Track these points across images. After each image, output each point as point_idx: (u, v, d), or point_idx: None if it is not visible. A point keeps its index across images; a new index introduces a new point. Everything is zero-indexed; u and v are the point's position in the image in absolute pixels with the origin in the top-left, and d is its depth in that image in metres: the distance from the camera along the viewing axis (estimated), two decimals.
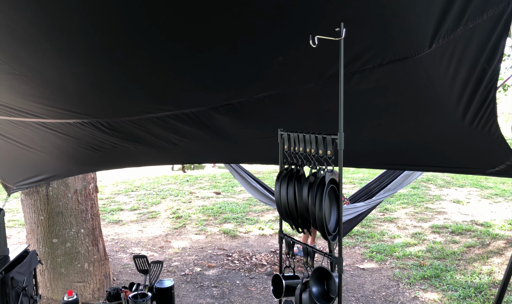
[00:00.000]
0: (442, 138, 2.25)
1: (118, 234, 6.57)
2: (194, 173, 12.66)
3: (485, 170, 2.40)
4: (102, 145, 3.16)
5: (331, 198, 1.77)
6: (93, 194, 4.29)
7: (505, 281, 2.75)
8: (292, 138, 1.89)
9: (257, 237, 6.33)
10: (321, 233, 1.68)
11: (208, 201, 8.68)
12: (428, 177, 10.36)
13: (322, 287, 1.77)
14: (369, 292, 4.36)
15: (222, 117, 2.31)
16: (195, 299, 4.30)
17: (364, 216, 4.72)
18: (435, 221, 6.74)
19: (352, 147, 2.27)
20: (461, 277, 4.60)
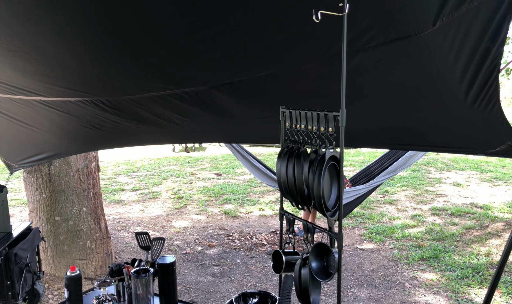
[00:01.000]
0: (444, 118, 2.25)
1: (120, 214, 6.63)
2: (195, 154, 12.69)
3: (486, 150, 2.40)
4: (103, 124, 3.16)
5: (332, 175, 1.78)
6: (95, 173, 4.31)
7: (503, 261, 2.78)
8: (294, 116, 1.89)
9: (257, 217, 6.38)
10: (320, 209, 1.69)
11: (209, 182, 8.72)
12: (428, 160, 10.37)
13: (322, 263, 1.79)
14: (368, 271, 4.42)
15: (223, 96, 2.30)
16: (196, 277, 4.36)
17: (364, 198, 4.75)
18: (434, 204, 6.77)
19: (354, 127, 2.27)
20: (459, 258, 4.65)
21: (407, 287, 4.05)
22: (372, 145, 2.92)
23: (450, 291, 3.96)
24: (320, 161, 1.71)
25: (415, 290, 4.00)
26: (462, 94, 1.98)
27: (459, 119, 2.21)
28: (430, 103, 2.17)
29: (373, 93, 2.13)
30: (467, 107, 2.04)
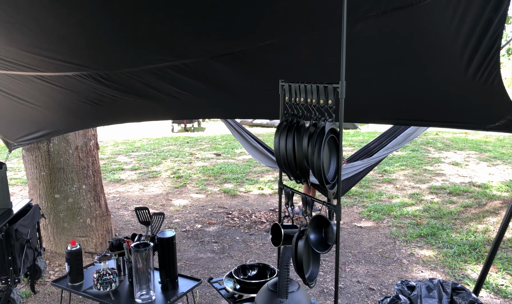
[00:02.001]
0: (444, 91, 2.23)
1: (120, 193, 6.65)
2: (194, 135, 12.67)
3: (485, 125, 2.40)
4: (102, 99, 3.14)
5: (331, 148, 1.78)
6: (94, 151, 4.31)
7: (499, 238, 2.81)
8: (293, 89, 1.87)
9: (256, 196, 6.41)
10: (319, 181, 1.69)
11: (208, 162, 8.73)
12: (427, 140, 10.38)
13: (320, 235, 1.80)
14: (366, 248, 4.46)
15: (223, 67, 2.28)
16: (195, 253, 4.39)
17: (362, 175, 4.75)
18: (433, 183, 6.80)
19: (354, 100, 2.26)
20: (456, 235, 4.69)
21: (404, 264, 4.09)
22: (372, 120, 2.91)
23: (447, 267, 4.00)
24: (320, 134, 1.70)
25: (412, 266, 4.04)
26: (463, 68, 1.96)
27: (459, 93, 2.20)
28: (431, 77, 2.15)
29: (373, 65, 2.11)
30: (468, 81, 2.03)
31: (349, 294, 3.56)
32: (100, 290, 2.41)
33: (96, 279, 2.41)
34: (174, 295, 2.40)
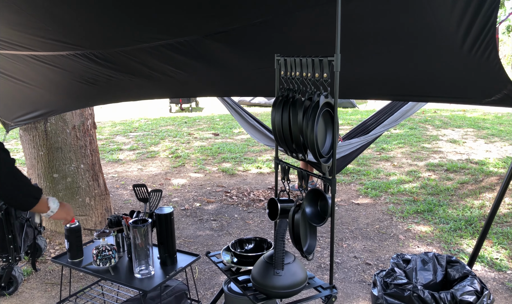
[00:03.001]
0: (440, 66, 2.22)
1: (118, 173, 6.67)
2: (192, 115, 12.64)
3: (481, 99, 2.40)
4: (97, 78, 3.13)
5: (326, 122, 1.78)
6: (91, 130, 4.31)
7: (493, 212, 2.84)
8: (288, 63, 1.87)
9: (255, 175, 6.44)
10: (313, 155, 1.70)
11: (206, 142, 8.73)
12: (426, 118, 10.38)
13: (316, 208, 1.83)
14: (363, 225, 4.51)
15: (217, 45, 2.27)
16: (194, 231, 4.44)
17: (359, 152, 4.77)
18: (430, 160, 6.83)
19: (349, 76, 2.26)
20: (453, 211, 4.73)
21: (401, 239, 4.14)
22: (369, 96, 2.91)
23: (443, 242, 4.06)
24: (314, 107, 1.71)
25: (408, 241, 4.10)
26: (459, 41, 1.95)
27: (456, 68, 2.19)
28: (427, 52, 2.14)
29: (369, 40, 2.09)
30: (464, 55, 2.02)
31: (346, 269, 3.62)
32: (100, 266, 2.44)
33: (96, 255, 2.44)
34: (173, 270, 2.43)
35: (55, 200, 2.09)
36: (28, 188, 1.91)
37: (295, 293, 1.67)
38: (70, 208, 2.27)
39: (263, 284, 1.65)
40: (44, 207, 2.02)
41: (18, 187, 1.89)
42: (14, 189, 1.88)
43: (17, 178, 1.89)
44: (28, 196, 1.92)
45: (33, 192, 1.93)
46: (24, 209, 1.89)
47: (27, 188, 1.92)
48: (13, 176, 1.88)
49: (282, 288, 1.63)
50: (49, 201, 2.04)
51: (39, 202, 1.94)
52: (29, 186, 1.91)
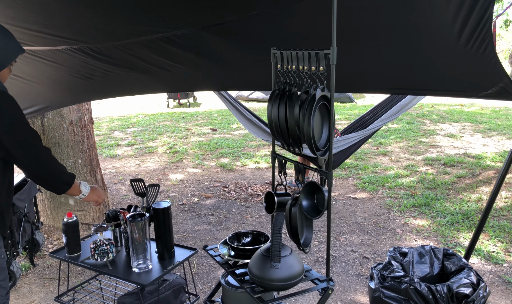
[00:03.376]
0: (436, 60, 2.23)
1: (116, 168, 6.67)
2: (190, 110, 12.62)
3: (478, 93, 2.40)
4: (94, 73, 3.12)
5: (323, 115, 1.79)
6: (89, 126, 4.30)
7: (489, 205, 2.86)
8: (285, 56, 1.87)
9: (252, 170, 6.44)
10: (309, 148, 1.71)
11: (204, 137, 8.73)
12: (423, 113, 10.39)
13: (312, 201, 1.83)
14: (360, 219, 4.52)
15: (214, 38, 2.26)
16: (192, 226, 4.45)
17: (357, 147, 4.77)
18: (428, 154, 6.85)
19: (347, 70, 2.26)
20: (450, 205, 4.75)
21: (398, 233, 4.16)
22: (366, 90, 2.91)
23: (440, 235, 4.07)
24: (311, 101, 1.71)
25: (406, 235, 4.11)
26: (455, 34, 1.95)
27: (452, 61, 2.19)
28: (423, 44, 2.14)
29: (364, 34, 2.09)
30: (460, 48, 2.02)
31: (344, 262, 3.63)
32: (98, 260, 2.44)
33: (93, 250, 2.44)
34: (171, 264, 2.43)
35: (86, 185, 2.31)
36: (62, 175, 2.11)
37: (292, 285, 1.67)
38: (101, 192, 2.45)
39: (260, 276, 1.66)
40: (76, 191, 2.23)
41: (53, 174, 2.08)
42: (49, 175, 2.07)
43: (53, 165, 2.07)
44: (61, 182, 2.11)
45: (66, 179, 2.12)
46: (57, 193, 2.17)
47: (61, 175, 2.10)
48: (50, 163, 2.06)
49: (279, 280, 1.64)
50: (81, 186, 2.26)
51: (71, 187, 2.14)
52: (63, 174, 2.11)
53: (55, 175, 2.09)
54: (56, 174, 2.10)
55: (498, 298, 3.08)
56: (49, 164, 2.07)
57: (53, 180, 2.10)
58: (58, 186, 2.12)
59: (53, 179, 2.10)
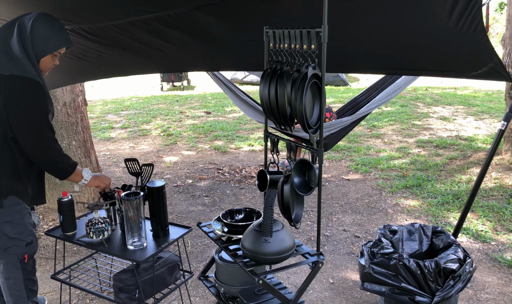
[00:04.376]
0: (428, 39, 2.25)
1: (110, 150, 6.68)
2: (184, 93, 12.58)
3: (468, 72, 2.43)
4: (87, 54, 3.11)
5: (314, 94, 1.81)
6: (82, 107, 4.29)
7: (477, 184, 2.92)
8: (277, 35, 1.88)
9: (247, 153, 6.47)
10: (302, 126, 1.73)
11: (198, 120, 8.73)
12: (417, 96, 10.43)
13: (304, 178, 1.87)
14: (352, 199, 4.58)
15: (207, 18, 2.27)
16: (187, 206, 4.49)
17: (350, 129, 4.80)
18: (420, 137, 6.91)
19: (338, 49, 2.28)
20: (441, 186, 4.83)
21: (389, 213, 4.23)
22: (358, 70, 2.93)
23: (431, 215, 4.15)
24: (303, 79, 1.73)
25: (397, 215, 4.19)
26: (446, 13, 1.97)
27: (443, 41, 2.21)
28: (415, 23, 2.16)
29: (356, 13, 2.10)
30: (451, 28, 2.04)
31: (335, 241, 3.70)
32: (93, 238, 2.48)
33: (89, 228, 2.47)
34: (166, 241, 2.48)
35: (88, 171, 2.42)
36: (63, 164, 2.27)
37: (283, 259, 1.72)
38: (105, 178, 2.57)
39: (253, 250, 1.71)
40: (78, 178, 2.37)
41: (54, 162, 2.24)
42: (51, 163, 2.25)
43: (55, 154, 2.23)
44: (62, 170, 2.28)
45: (67, 168, 2.28)
46: (59, 179, 2.37)
47: (62, 164, 2.26)
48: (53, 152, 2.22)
49: (271, 254, 1.69)
50: (82, 172, 2.38)
51: (72, 174, 2.30)
52: (65, 163, 2.27)
53: (56, 163, 2.25)
54: (58, 162, 2.25)
55: (485, 274, 3.16)
56: (51, 153, 2.21)
57: (54, 167, 2.27)
58: (59, 173, 2.29)
59: (54, 166, 2.26)
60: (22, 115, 2.13)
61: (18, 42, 2.14)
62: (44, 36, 2.20)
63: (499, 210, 4.13)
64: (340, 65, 2.81)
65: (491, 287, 3.01)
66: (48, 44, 2.23)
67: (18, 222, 2.30)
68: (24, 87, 2.12)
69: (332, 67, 2.50)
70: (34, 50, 2.18)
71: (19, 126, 2.14)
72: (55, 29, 2.25)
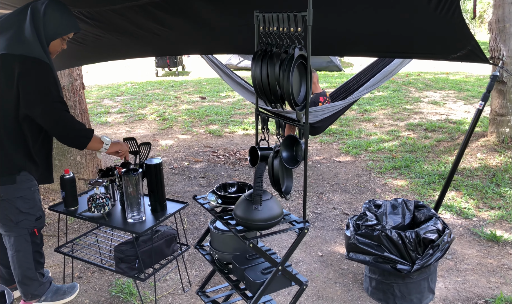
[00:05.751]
0: (409, 24, 2.38)
1: (107, 134, 6.79)
2: (179, 78, 12.64)
3: (448, 55, 2.57)
4: (85, 38, 3.22)
5: (301, 73, 1.95)
6: (80, 91, 4.40)
7: (457, 160, 3.09)
8: (267, 19, 2.01)
9: (241, 136, 6.61)
10: (289, 104, 1.88)
11: (193, 105, 8.84)
12: (409, 81, 10.57)
13: (291, 152, 2.02)
14: (342, 180, 4.75)
15: (200, 3, 2.38)
16: (183, 187, 4.65)
17: (341, 113, 4.95)
18: (411, 120, 7.07)
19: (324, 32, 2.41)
20: (428, 167, 5.00)
21: (378, 192, 4.41)
22: (344, 53, 3.06)
23: (417, 194, 4.33)
24: (290, 59, 1.87)
25: (385, 194, 4.36)
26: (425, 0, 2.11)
27: (424, 25, 2.35)
28: (396, 8, 2.29)
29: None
30: (431, 12, 2.18)
31: (325, 218, 3.87)
32: (95, 213, 2.63)
33: (90, 203, 2.62)
34: (163, 215, 2.63)
35: (106, 137, 2.54)
36: (80, 131, 2.37)
37: (272, 225, 1.88)
38: (124, 145, 2.66)
39: (244, 218, 1.86)
40: (97, 145, 2.47)
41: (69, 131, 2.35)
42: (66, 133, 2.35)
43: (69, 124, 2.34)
44: (80, 137, 2.39)
45: (86, 134, 2.39)
46: (80, 149, 2.48)
47: (79, 131, 2.37)
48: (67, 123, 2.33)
49: (261, 221, 1.84)
50: (102, 138, 2.50)
51: (91, 141, 2.41)
52: (81, 130, 2.38)
53: (74, 130, 2.36)
54: (73, 130, 2.36)
55: (466, 247, 3.35)
56: (67, 123, 2.33)
57: (73, 136, 2.37)
58: (78, 142, 2.41)
59: (73, 135, 2.37)
60: (34, 93, 2.27)
61: (31, 25, 2.27)
62: (56, 20, 2.33)
63: (482, 189, 4.32)
64: (326, 48, 2.94)
65: (470, 258, 3.19)
66: (59, 27, 2.35)
67: (30, 197, 2.45)
68: (34, 67, 2.26)
69: (318, 50, 2.64)
70: (45, 33, 2.31)
71: (33, 103, 2.27)
72: (66, 14, 2.38)
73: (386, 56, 3.64)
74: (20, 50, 2.25)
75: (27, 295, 2.60)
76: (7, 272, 2.70)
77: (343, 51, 3.07)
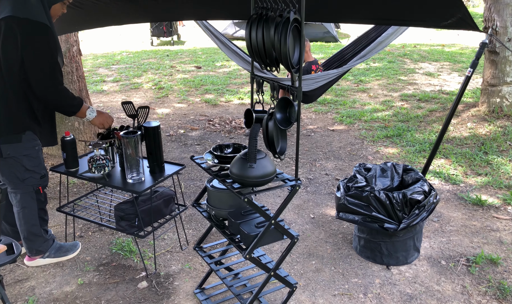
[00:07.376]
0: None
1: (103, 102, 6.83)
2: (174, 48, 12.56)
3: (439, 23, 2.64)
4: (83, 1, 3.24)
5: (295, 37, 2.01)
6: (77, 57, 4.43)
7: (444, 126, 3.19)
8: None
9: (236, 105, 6.68)
10: (285, 66, 1.95)
11: (189, 75, 8.84)
12: (405, 52, 10.58)
13: (285, 114, 2.10)
14: (335, 148, 4.87)
15: None
16: (179, 154, 4.74)
17: (335, 81, 5.01)
18: (405, 91, 7.15)
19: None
20: (419, 135, 5.12)
21: (369, 159, 4.53)
22: (338, 19, 3.10)
23: (408, 161, 4.45)
24: (285, 23, 1.93)
25: (376, 161, 4.48)
26: None
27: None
28: None
29: None
30: None
31: (318, 183, 4.00)
32: (95, 173, 2.72)
33: (91, 164, 2.71)
34: (162, 176, 2.73)
35: (93, 110, 2.70)
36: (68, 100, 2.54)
37: (265, 182, 1.99)
38: (108, 117, 2.80)
39: (239, 175, 1.96)
40: (82, 115, 2.64)
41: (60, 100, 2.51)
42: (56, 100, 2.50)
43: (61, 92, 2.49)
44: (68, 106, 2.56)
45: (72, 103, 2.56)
46: (67, 115, 2.71)
47: (67, 100, 2.53)
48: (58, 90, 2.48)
49: (255, 177, 1.95)
50: (87, 111, 2.65)
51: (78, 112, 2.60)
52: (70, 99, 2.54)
53: (61, 100, 2.51)
54: (63, 99, 2.51)
55: (452, 211, 3.49)
56: (60, 96, 2.48)
57: (60, 104, 2.54)
58: (65, 110, 2.59)
59: (60, 103, 2.53)
60: (36, 59, 2.35)
61: None
62: None
63: (471, 157, 4.45)
64: (320, 15, 3.00)
65: (456, 221, 3.34)
66: None
67: (35, 156, 2.56)
68: (39, 32, 2.33)
69: (313, 16, 2.70)
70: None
71: (33, 69, 2.36)
72: None
73: (380, 23, 3.69)
74: (25, 13, 2.30)
75: (32, 250, 2.73)
76: (12, 230, 2.81)
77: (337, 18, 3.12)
